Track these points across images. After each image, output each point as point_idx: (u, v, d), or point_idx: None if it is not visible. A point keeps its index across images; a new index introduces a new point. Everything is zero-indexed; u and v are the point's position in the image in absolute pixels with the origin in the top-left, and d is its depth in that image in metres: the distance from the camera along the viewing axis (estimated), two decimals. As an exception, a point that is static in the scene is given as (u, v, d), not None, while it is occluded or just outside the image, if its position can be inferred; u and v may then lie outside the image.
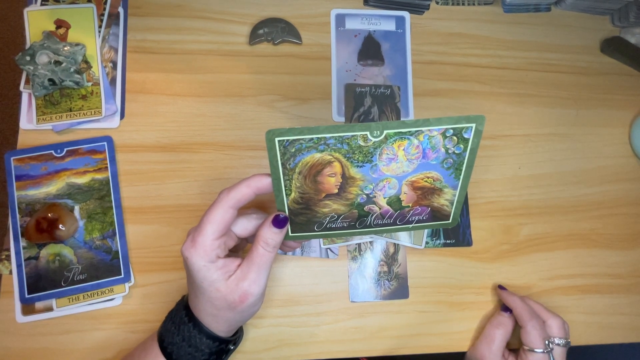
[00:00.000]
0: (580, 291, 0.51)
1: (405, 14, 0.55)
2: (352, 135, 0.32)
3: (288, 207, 0.35)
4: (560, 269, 0.52)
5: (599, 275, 0.52)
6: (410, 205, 0.36)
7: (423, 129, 0.32)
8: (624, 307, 0.52)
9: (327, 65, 0.53)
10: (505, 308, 0.46)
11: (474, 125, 0.32)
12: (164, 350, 0.36)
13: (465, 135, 0.33)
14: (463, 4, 0.57)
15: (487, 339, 0.45)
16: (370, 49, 0.54)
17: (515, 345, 0.48)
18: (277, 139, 0.32)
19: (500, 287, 0.49)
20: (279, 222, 0.34)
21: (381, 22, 0.55)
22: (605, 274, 0.52)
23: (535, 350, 0.42)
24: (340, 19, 0.54)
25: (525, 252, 0.51)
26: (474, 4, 0.57)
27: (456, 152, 0.34)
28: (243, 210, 0.38)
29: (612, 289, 0.52)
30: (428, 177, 0.35)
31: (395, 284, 0.49)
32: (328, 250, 0.49)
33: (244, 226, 0.36)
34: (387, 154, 0.33)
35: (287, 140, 0.32)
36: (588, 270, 0.52)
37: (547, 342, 0.43)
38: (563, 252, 0.52)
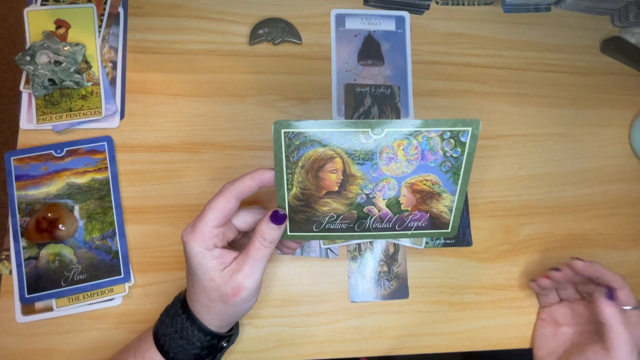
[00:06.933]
0: (580, 291, 0.51)
1: (405, 14, 0.55)
2: (354, 132, 0.33)
3: (288, 203, 0.35)
4: (560, 269, 0.52)
5: (599, 275, 0.52)
6: (409, 209, 0.37)
7: (422, 129, 0.33)
8: (624, 307, 0.52)
9: (327, 65, 0.53)
10: (610, 295, 0.42)
11: (470, 129, 0.33)
12: (157, 341, 0.36)
13: (462, 139, 0.34)
14: (463, 4, 0.57)
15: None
16: (370, 49, 0.54)
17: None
18: (283, 131, 0.33)
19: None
20: (277, 218, 0.35)
21: (381, 22, 0.55)
22: (605, 274, 0.52)
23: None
24: (340, 19, 0.54)
25: (525, 252, 0.51)
26: (474, 4, 0.57)
27: (454, 155, 0.34)
28: (248, 206, 0.38)
29: (612, 289, 0.52)
30: (427, 180, 0.35)
31: (395, 284, 0.49)
32: (328, 250, 0.49)
33: (244, 219, 0.37)
34: (387, 152, 0.34)
35: (293, 132, 0.33)
36: (588, 270, 0.52)
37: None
38: (563, 252, 0.52)
